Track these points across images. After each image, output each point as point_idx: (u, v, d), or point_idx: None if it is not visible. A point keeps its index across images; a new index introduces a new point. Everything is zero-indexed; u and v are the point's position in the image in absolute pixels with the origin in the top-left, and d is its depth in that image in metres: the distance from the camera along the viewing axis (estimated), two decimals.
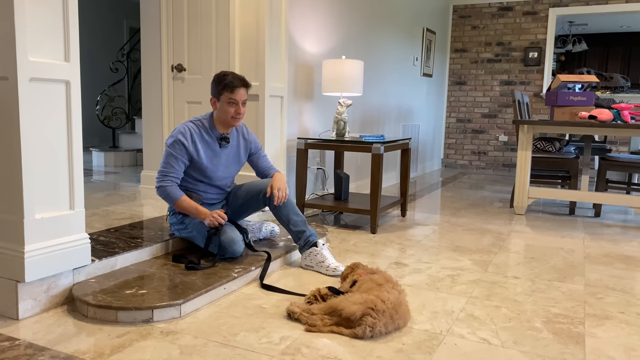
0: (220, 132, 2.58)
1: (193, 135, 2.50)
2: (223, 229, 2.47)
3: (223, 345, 1.79)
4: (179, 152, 2.46)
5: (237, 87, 2.47)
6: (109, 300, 1.97)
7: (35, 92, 1.91)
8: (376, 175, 3.38)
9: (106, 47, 7.57)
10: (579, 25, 9.36)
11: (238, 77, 2.49)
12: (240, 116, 2.52)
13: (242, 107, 2.51)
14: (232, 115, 2.50)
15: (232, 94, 2.46)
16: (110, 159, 5.51)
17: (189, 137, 2.48)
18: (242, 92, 2.49)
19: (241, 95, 2.49)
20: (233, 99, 2.47)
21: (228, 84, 2.45)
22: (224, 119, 2.53)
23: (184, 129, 2.49)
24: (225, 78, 2.47)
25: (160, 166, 2.49)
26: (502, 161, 7.26)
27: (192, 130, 2.50)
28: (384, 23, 5.25)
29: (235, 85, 2.46)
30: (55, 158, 2.01)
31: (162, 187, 2.45)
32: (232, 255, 2.49)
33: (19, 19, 1.82)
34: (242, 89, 2.49)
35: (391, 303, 1.92)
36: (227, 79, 2.46)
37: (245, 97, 2.51)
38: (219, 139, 2.58)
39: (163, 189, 2.45)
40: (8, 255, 1.93)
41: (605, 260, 3.00)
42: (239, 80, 2.48)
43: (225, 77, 2.47)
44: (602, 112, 3.82)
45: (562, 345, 1.87)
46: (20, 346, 1.74)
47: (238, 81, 2.47)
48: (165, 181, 2.45)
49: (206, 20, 3.60)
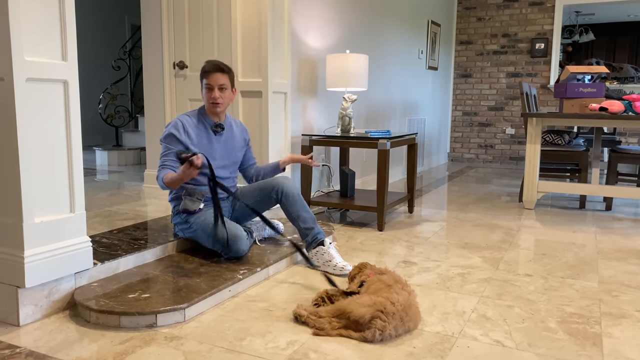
0: (213, 120, 2.60)
1: (185, 126, 2.50)
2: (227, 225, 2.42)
3: (228, 350, 1.74)
4: (172, 144, 2.47)
5: (211, 71, 2.48)
6: (112, 305, 1.92)
7: (33, 93, 1.86)
8: (383, 172, 3.32)
9: (108, 45, 7.52)
10: (586, 15, 9.24)
11: (213, 62, 2.51)
12: (216, 100, 2.50)
13: (217, 92, 2.50)
14: (209, 100, 2.52)
15: (207, 79, 2.49)
16: (114, 158, 5.47)
17: (181, 128, 2.49)
18: (217, 76, 2.48)
19: (216, 80, 2.48)
20: (208, 84, 2.49)
21: (202, 70, 2.50)
22: (207, 106, 2.57)
23: (176, 122, 2.51)
24: (205, 65, 2.50)
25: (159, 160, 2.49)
26: (509, 154, 7.17)
27: (183, 121, 2.51)
28: (388, 16, 5.17)
29: (207, 70, 2.48)
30: (54, 160, 1.96)
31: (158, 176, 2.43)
32: (237, 254, 2.44)
33: (14, 18, 1.77)
34: (216, 73, 2.48)
35: (401, 305, 1.86)
36: (206, 66, 2.50)
37: (222, 82, 2.50)
38: (212, 127, 2.59)
39: (159, 179, 2.42)
40: (8, 261, 1.89)
41: (619, 255, 2.93)
42: (213, 65, 2.50)
43: (206, 64, 2.51)
44: (613, 103, 3.73)
45: (579, 346, 1.81)
46: (21, 354, 1.70)
47: (211, 66, 2.49)
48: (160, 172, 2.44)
49: (207, 17, 3.54)
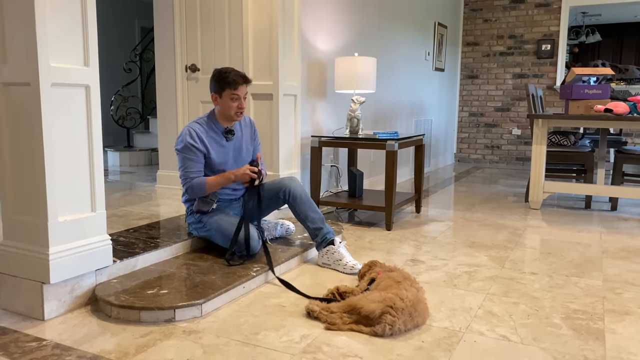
0: (223, 126, 2.65)
1: (200, 134, 2.56)
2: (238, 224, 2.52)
3: (244, 344, 1.82)
4: (192, 154, 2.53)
5: (240, 84, 2.55)
6: (132, 300, 2.01)
7: (57, 97, 1.94)
8: (391, 172, 3.39)
9: (119, 48, 7.63)
10: (592, 16, 9.26)
11: (240, 74, 2.57)
12: (242, 110, 2.60)
13: (244, 102, 2.59)
14: (235, 110, 2.58)
15: (235, 90, 2.54)
16: (126, 159, 5.57)
17: (196, 137, 2.55)
18: (244, 88, 2.58)
19: (243, 91, 2.57)
20: (236, 94, 2.55)
21: (231, 81, 2.54)
22: (227, 114, 2.61)
23: (190, 131, 2.56)
24: (227, 75, 2.55)
25: (180, 172, 2.56)
26: (515, 155, 7.21)
27: (196, 130, 2.57)
28: (396, 18, 5.24)
29: (238, 83, 2.55)
30: (76, 161, 2.04)
31: (188, 187, 2.54)
32: (250, 252, 2.52)
33: (40, 26, 1.85)
34: (244, 85, 2.58)
35: (410, 301, 1.93)
36: (230, 76, 2.55)
37: (246, 91, 2.61)
38: (224, 133, 2.64)
39: (190, 187, 2.54)
40: (33, 258, 1.97)
41: (623, 254, 2.98)
42: (241, 77, 2.57)
43: (228, 74, 2.55)
44: (618, 105, 3.78)
45: (582, 341, 1.87)
46: (47, 346, 1.78)
47: (240, 78, 2.56)
48: (187, 181, 2.54)
49: (219, 21, 3.63)
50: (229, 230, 2.53)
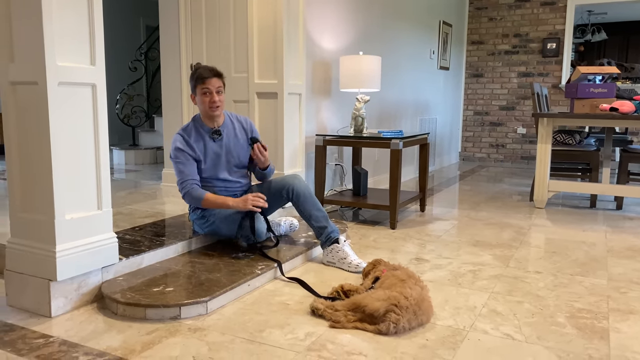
0: (209, 127, 2.64)
1: (187, 139, 2.58)
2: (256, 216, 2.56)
3: (250, 341, 1.83)
4: (184, 158, 2.55)
5: (207, 77, 2.53)
6: (138, 298, 2.02)
7: (64, 96, 1.96)
8: (395, 171, 3.39)
9: (124, 47, 7.66)
10: (598, 14, 9.21)
11: (207, 68, 2.56)
12: (215, 104, 2.56)
13: (216, 96, 2.56)
14: (208, 105, 2.56)
15: (205, 84, 2.53)
16: (131, 157, 5.60)
17: (184, 143, 2.56)
18: (214, 80, 2.55)
19: (213, 84, 2.54)
20: (206, 88, 2.54)
21: (199, 76, 2.54)
22: (204, 110, 2.60)
23: (177, 137, 2.58)
24: (195, 72, 2.56)
25: (176, 177, 2.58)
26: (520, 154, 7.20)
27: (183, 136, 2.59)
28: (401, 17, 5.24)
29: (205, 77, 2.53)
30: (83, 160, 2.06)
31: (185, 193, 2.55)
32: (257, 236, 2.58)
33: (47, 25, 1.87)
34: (213, 78, 2.55)
35: (414, 299, 1.94)
36: (198, 72, 2.55)
37: (219, 84, 2.57)
38: (211, 134, 2.64)
39: (187, 194, 2.54)
40: (41, 255, 1.99)
41: (628, 253, 2.98)
42: (208, 70, 2.55)
43: (196, 70, 2.56)
44: (624, 104, 3.77)
45: (586, 340, 1.87)
46: (54, 343, 1.80)
47: (207, 71, 2.54)
48: (185, 187, 2.54)
49: (224, 20, 3.64)
50: (234, 217, 2.55)
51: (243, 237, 2.59)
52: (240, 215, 2.58)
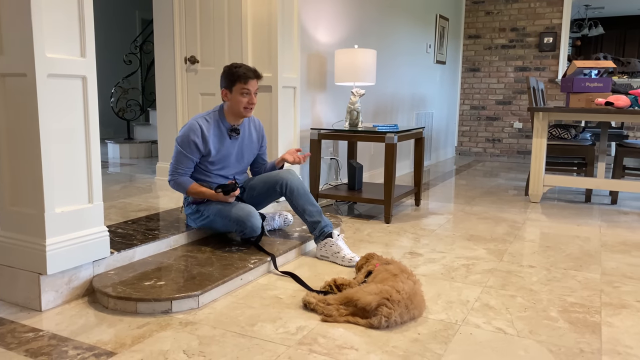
0: (230, 123, 2.63)
1: (204, 131, 2.54)
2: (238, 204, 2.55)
3: (241, 335, 1.82)
4: (189, 150, 2.53)
5: (251, 78, 2.54)
6: (129, 291, 2.01)
7: (53, 88, 1.94)
8: (390, 165, 3.38)
9: (119, 40, 7.61)
10: (595, 8, 9.20)
11: (251, 69, 2.56)
12: (252, 106, 2.58)
13: (254, 97, 2.57)
14: (244, 105, 2.56)
15: (246, 84, 2.53)
16: (126, 151, 5.57)
17: (199, 134, 2.53)
18: (255, 82, 2.57)
19: (253, 86, 2.56)
20: (246, 89, 2.53)
21: (241, 75, 2.52)
22: (236, 109, 2.58)
23: (195, 126, 2.53)
24: (238, 70, 2.53)
25: (172, 160, 2.57)
26: (516, 148, 7.20)
27: (202, 126, 2.54)
28: (397, 10, 5.21)
29: (248, 77, 2.54)
30: (73, 153, 2.04)
31: (172, 180, 2.57)
32: (252, 230, 2.54)
33: (36, 16, 1.84)
34: (254, 80, 2.57)
35: (406, 293, 1.93)
36: (240, 70, 2.53)
37: (257, 87, 2.59)
38: (229, 131, 2.62)
39: (174, 181, 2.56)
40: (30, 249, 1.98)
41: (622, 248, 2.98)
42: (252, 71, 2.56)
43: (238, 68, 2.54)
44: (619, 98, 3.76)
45: (578, 334, 1.87)
46: (44, 337, 1.79)
47: (251, 73, 2.55)
48: (175, 175, 2.56)
49: (218, 12, 3.61)
50: (229, 212, 2.53)
51: (238, 231, 2.58)
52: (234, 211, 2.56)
